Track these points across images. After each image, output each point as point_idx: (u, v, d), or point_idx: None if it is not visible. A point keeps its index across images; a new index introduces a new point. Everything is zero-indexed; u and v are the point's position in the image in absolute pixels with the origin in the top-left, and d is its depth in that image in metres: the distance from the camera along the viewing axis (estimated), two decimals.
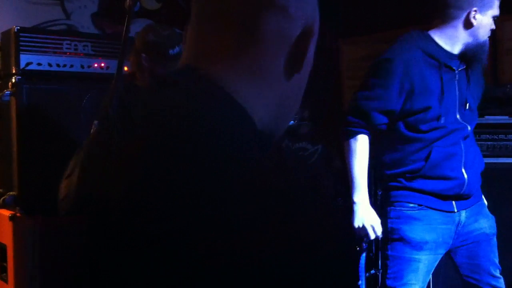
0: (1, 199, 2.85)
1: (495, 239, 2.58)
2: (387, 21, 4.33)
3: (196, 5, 0.85)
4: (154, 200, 0.67)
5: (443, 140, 2.36)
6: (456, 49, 2.39)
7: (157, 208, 0.67)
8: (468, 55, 2.40)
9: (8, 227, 2.71)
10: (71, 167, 0.85)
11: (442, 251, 2.42)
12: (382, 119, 2.38)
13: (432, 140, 2.36)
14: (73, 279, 0.76)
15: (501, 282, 2.56)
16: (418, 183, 2.36)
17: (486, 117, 3.34)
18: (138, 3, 2.27)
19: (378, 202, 3.62)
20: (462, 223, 2.43)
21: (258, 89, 0.80)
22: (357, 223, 2.40)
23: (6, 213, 2.80)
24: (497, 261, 2.58)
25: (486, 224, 2.54)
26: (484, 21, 2.39)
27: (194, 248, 0.63)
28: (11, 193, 2.84)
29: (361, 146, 2.40)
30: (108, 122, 0.88)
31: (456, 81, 2.41)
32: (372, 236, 2.41)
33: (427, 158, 2.36)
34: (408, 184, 2.38)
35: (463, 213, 2.45)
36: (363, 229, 2.39)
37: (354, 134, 2.40)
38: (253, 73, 0.80)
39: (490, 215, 2.59)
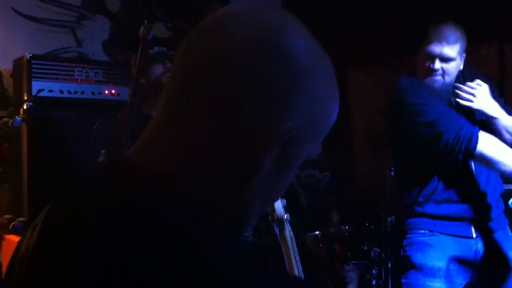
0: (11, 225, 2.85)
1: None
2: (395, 48, 4.36)
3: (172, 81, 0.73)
4: None
5: (449, 161, 2.34)
6: None
7: None
8: None
9: None
10: None
11: (460, 281, 2.37)
12: None
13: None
14: None
15: None
16: (430, 208, 2.34)
17: None
18: (152, 32, 2.29)
19: (389, 230, 3.61)
20: (481, 251, 2.36)
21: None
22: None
23: (15, 239, 2.80)
24: None
25: (510, 256, 2.39)
26: (419, 59, 2.34)
27: None
28: (20, 219, 2.85)
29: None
30: (120, 148, 0.83)
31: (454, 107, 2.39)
32: None
33: (434, 180, 2.34)
34: (420, 210, 2.35)
35: (480, 241, 2.35)
36: None
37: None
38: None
39: None
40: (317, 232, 3.69)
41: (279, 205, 1.25)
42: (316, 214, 4.16)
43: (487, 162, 2.22)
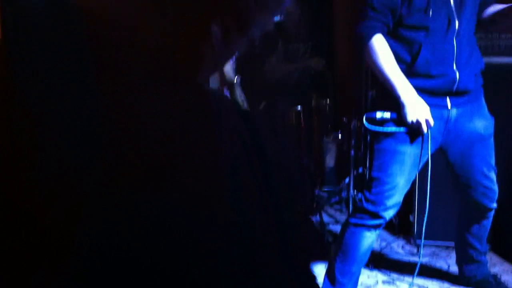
0: None
1: (491, 140, 2.50)
2: None
3: None
4: None
5: (433, 37, 2.32)
6: None
7: None
8: None
9: None
10: None
11: (430, 146, 2.37)
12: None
13: (420, 37, 2.31)
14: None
15: (494, 183, 2.55)
16: (409, 81, 2.33)
17: None
18: None
19: (369, 102, 3.64)
20: (452, 120, 2.41)
21: None
22: (410, 118, 2.30)
23: None
24: (492, 162, 2.54)
25: (482, 124, 2.47)
26: None
27: None
28: None
29: (382, 43, 2.33)
30: None
31: None
32: (425, 131, 2.32)
33: (416, 56, 2.32)
34: None
35: (454, 110, 2.40)
36: (417, 123, 2.30)
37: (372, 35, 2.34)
38: None
39: (489, 116, 2.49)
40: (298, 107, 3.71)
41: (228, 68, 1.16)
42: (297, 89, 4.17)
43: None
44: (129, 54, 0.62)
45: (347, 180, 3.76)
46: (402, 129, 2.36)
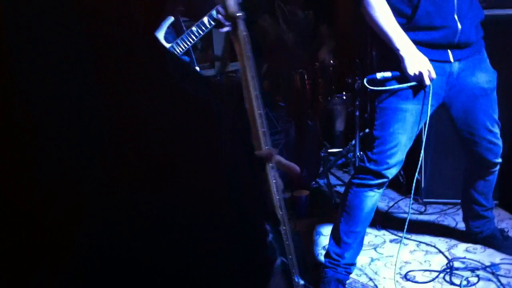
0: None
1: (494, 94, 2.47)
2: None
3: None
4: None
5: None
6: None
7: None
8: None
9: None
10: None
11: (432, 102, 2.37)
12: None
13: None
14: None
15: (498, 137, 2.54)
16: (409, 34, 2.30)
17: None
18: None
19: (374, 60, 3.61)
20: (455, 75, 2.38)
21: None
22: (412, 70, 2.28)
23: None
24: (496, 116, 2.50)
25: (485, 78, 2.42)
26: None
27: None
28: None
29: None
30: None
31: None
32: (428, 82, 2.29)
33: (416, 8, 2.29)
34: None
35: (456, 64, 2.37)
36: (420, 75, 2.29)
37: None
38: None
39: (491, 69, 2.46)
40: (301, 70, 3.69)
41: (231, 1, 1.09)
42: (301, 51, 4.13)
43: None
44: (129, 52, 0.63)
45: (353, 141, 3.76)
46: (404, 85, 2.35)
